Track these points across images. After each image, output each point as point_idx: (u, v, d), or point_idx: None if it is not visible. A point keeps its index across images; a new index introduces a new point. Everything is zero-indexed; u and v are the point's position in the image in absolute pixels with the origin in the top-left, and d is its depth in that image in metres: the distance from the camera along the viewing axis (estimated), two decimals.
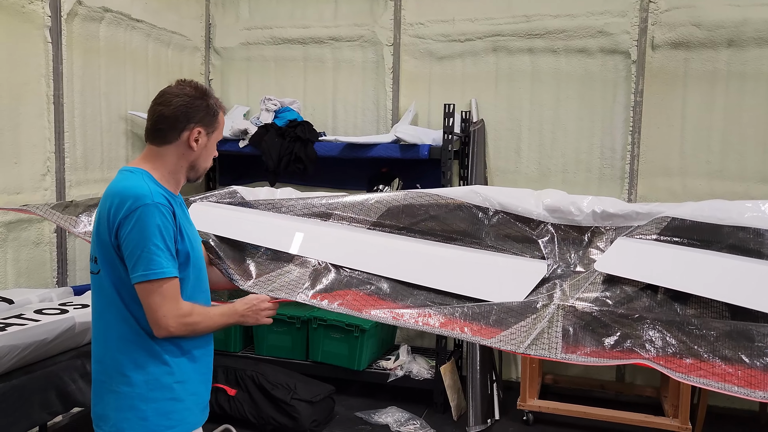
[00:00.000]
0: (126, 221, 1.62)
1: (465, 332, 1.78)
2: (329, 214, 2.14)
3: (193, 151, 1.75)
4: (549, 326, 1.77)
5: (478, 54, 4.21)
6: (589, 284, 1.89)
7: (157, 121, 1.74)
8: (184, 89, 1.75)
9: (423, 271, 1.99)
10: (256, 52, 4.64)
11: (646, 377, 4.06)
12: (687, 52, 3.86)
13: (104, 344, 1.71)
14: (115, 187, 1.68)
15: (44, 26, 3.34)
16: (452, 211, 2.12)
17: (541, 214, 2.09)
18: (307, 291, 1.95)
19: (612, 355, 1.70)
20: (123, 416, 1.66)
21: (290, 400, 3.41)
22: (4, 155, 3.18)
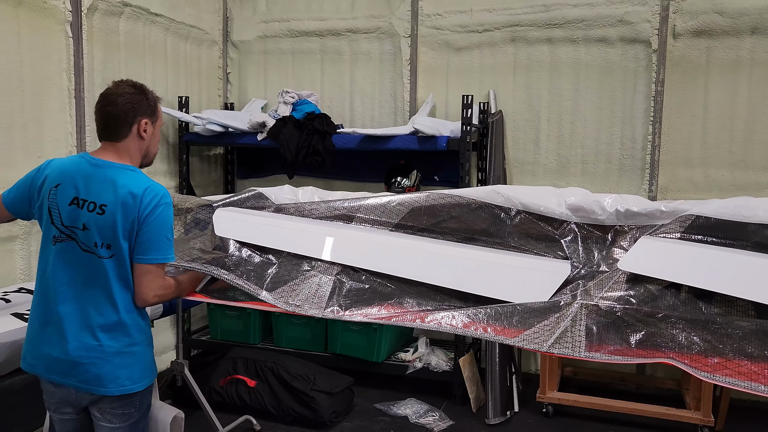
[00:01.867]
0: (152, 213, 1.92)
1: (488, 332, 1.78)
2: (352, 217, 2.15)
3: (144, 141, 2.02)
4: (572, 325, 1.76)
5: (496, 45, 4.18)
6: (612, 283, 1.87)
7: (108, 121, 1.98)
8: (124, 89, 1.99)
9: (446, 272, 1.98)
10: (273, 45, 4.65)
11: (667, 370, 4.02)
12: (709, 40, 3.80)
13: (113, 316, 1.93)
14: (141, 187, 1.93)
15: (65, 21, 3.37)
16: (474, 211, 2.11)
17: (564, 213, 2.07)
18: (332, 305, 1.95)
19: (636, 353, 1.69)
20: (132, 370, 1.97)
21: (310, 392, 3.43)
22: (28, 149, 3.22)
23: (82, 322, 1.93)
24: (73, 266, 1.93)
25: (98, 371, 1.93)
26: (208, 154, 4.64)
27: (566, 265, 1.98)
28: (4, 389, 2.37)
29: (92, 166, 1.95)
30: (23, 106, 3.18)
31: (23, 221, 3.18)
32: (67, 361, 1.94)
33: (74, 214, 1.93)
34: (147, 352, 2.03)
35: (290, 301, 1.96)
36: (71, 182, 1.95)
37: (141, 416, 2.06)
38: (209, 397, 3.48)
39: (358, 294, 1.96)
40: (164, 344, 4.22)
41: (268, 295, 1.99)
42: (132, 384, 1.97)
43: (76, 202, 1.93)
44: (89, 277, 1.93)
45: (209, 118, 4.05)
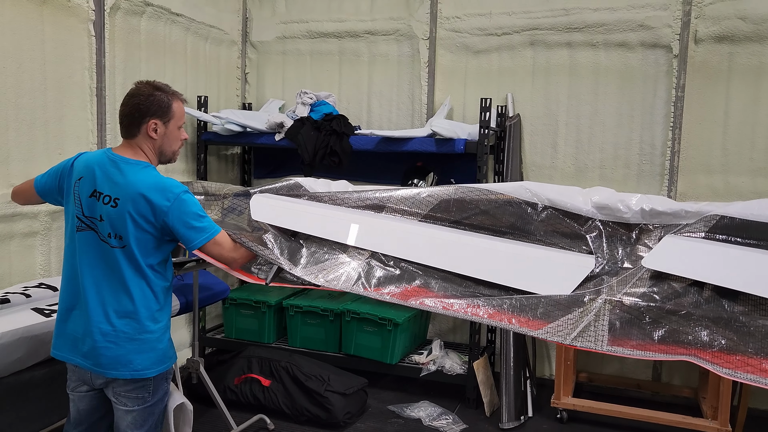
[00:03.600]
0: (175, 209, 2.01)
1: (513, 323, 1.81)
2: (382, 207, 2.19)
3: (155, 140, 2.09)
4: (596, 319, 1.77)
5: (515, 48, 4.17)
6: (636, 280, 1.88)
7: (121, 120, 2.10)
8: (139, 89, 2.08)
9: (472, 262, 2.02)
10: (291, 45, 4.67)
11: (683, 377, 3.99)
12: (731, 46, 3.77)
13: (128, 303, 2.03)
14: (152, 182, 2.03)
15: (88, 20, 3.41)
16: (502, 206, 2.14)
17: (590, 210, 2.08)
18: (360, 282, 2.02)
19: (658, 349, 1.70)
20: (145, 356, 2.05)
21: (324, 392, 3.43)
22: (50, 146, 3.26)
23: (101, 307, 2.04)
24: (93, 254, 2.05)
25: (112, 355, 2.03)
26: (226, 153, 4.66)
27: (591, 259, 2.00)
28: (25, 382, 2.40)
29: (110, 161, 2.07)
30: (46, 104, 3.22)
31: (44, 218, 3.23)
32: (87, 344, 2.05)
33: (93, 206, 2.05)
34: (161, 339, 2.10)
35: (320, 277, 2.05)
36: (91, 175, 2.07)
37: (156, 401, 2.13)
38: (224, 395, 3.50)
39: (386, 277, 2.03)
40: (180, 342, 4.24)
41: (301, 271, 2.08)
42: (144, 369, 2.05)
43: (95, 195, 2.05)
44: (106, 265, 2.04)
45: (227, 118, 4.08)
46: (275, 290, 4.43)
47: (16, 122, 3.07)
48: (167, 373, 2.16)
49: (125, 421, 2.09)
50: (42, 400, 2.45)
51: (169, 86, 2.14)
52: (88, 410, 2.17)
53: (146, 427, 2.12)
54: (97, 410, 2.17)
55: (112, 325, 2.03)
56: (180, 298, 3.11)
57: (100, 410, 2.17)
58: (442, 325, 4.47)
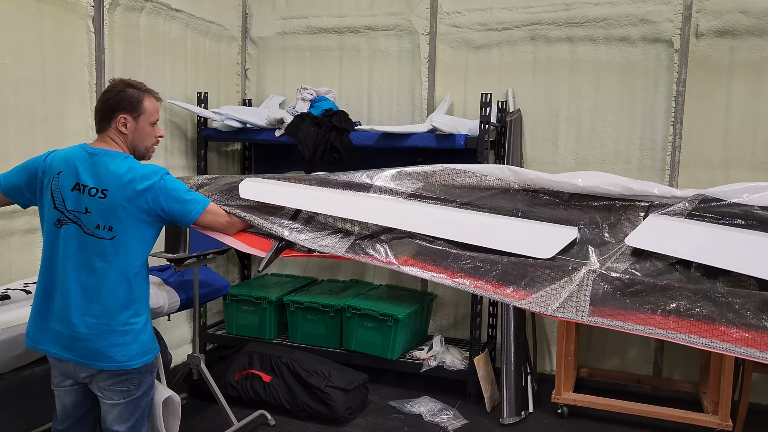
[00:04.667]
0: (162, 190, 2.08)
1: (497, 293, 1.85)
2: (369, 186, 2.24)
3: (125, 135, 2.13)
4: (578, 290, 1.81)
5: (515, 43, 4.16)
6: (619, 255, 1.92)
7: (95, 115, 2.16)
8: (112, 86, 2.14)
9: (458, 231, 2.07)
10: (292, 41, 4.66)
11: (684, 372, 3.99)
12: (733, 40, 3.75)
13: (110, 295, 2.05)
14: (134, 169, 2.07)
15: (87, 16, 3.40)
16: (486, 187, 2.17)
17: (574, 186, 2.11)
18: (350, 248, 2.08)
19: (637, 320, 1.73)
20: (128, 348, 2.07)
21: (325, 388, 3.44)
22: (50, 142, 3.24)
23: (83, 299, 2.05)
24: (75, 247, 2.06)
25: (95, 346, 2.05)
26: (226, 149, 4.66)
27: (573, 230, 2.04)
28: (25, 379, 2.40)
29: (90, 155, 2.10)
30: (45, 100, 3.22)
31: None
32: (69, 336, 2.07)
33: (77, 199, 2.07)
34: (144, 331, 2.12)
35: (313, 243, 2.12)
36: (72, 169, 2.09)
37: (141, 394, 2.14)
38: (225, 391, 3.50)
39: (374, 245, 2.09)
40: (181, 338, 4.25)
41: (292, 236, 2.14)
42: (128, 361, 2.07)
43: (78, 188, 2.07)
44: (89, 257, 2.05)
45: (228, 114, 4.07)
46: (277, 286, 4.43)
47: (15, 118, 3.07)
48: (151, 366, 2.18)
49: (111, 414, 2.10)
50: (42, 396, 2.45)
51: (144, 84, 2.18)
52: (73, 404, 2.17)
53: (132, 421, 2.13)
54: (82, 404, 2.18)
55: (95, 317, 2.05)
56: (180, 295, 3.11)
57: (85, 404, 2.18)
58: (443, 321, 4.47)
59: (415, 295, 4.29)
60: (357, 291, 4.30)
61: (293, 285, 4.48)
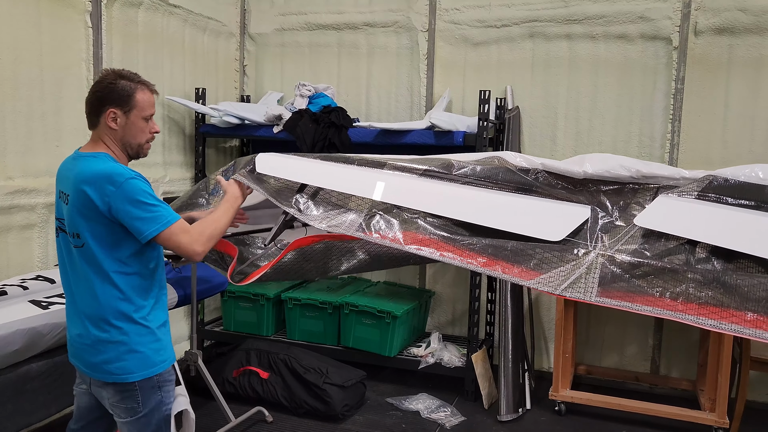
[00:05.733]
0: (118, 196, 1.85)
1: (506, 273, 1.84)
2: (383, 164, 2.23)
3: (115, 131, 1.97)
4: (587, 272, 1.81)
5: (514, 40, 4.15)
6: (629, 237, 1.92)
7: (85, 111, 2.00)
8: (102, 77, 1.98)
9: (469, 210, 2.06)
10: (290, 38, 4.65)
11: (681, 370, 4.00)
12: (731, 38, 3.75)
13: (94, 305, 1.93)
14: (93, 171, 1.88)
15: (85, 11, 3.39)
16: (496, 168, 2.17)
17: (584, 172, 2.10)
18: (361, 228, 2.05)
19: (645, 301, 1.72)
20: (124, 361, 1.94)
21: (322, 384, 3.44)
22: (47, 138, 3.24)
23: (76, 309, 2.00)
24: (65, 256, 2.02)
25: (90, 359, 1.97)
26: (224, 146, 4.65)
27: (586, 210, 2.02)
28: (22, 375, 2.39)
29: (72, 159, 2.01)
30: (43, 96, 3.21)
31: (41, 210, 3.22)
32: (72, 344, 2.04)
33: (60, 207, 2.02)
34: (141, 342, 1.95)
35: (323, 223, 2.07)
36: (60, 176, 2.03)
37: (148, 412, 1.99)
38: (222, 387, 3.50)
39: (386, 224, 2.06)
40: (178, 334, 4.25)
41: (304, 216, 2.08)
42: (124, 374, 1.94)
43: (61, 196, 2.02)
44: (74, 266, 1.98)
45: (226, 110, 4.06)
46: (275, 283, 4.43)
47: (13, 114, 3.06)
48: (157, 381, 1.99)
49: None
50: (40, 392, 2.45)
51: (138, 75, 2.01)
52: (86, 408, 2.13)
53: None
54: (94, 409, 2.12)
55: (86, 327, 1.96)
56: (178, 291, 3.11)
57: (97, 410, 2.11)
58: (441, 318, 4.47)
59: (413, 292, 4.29)
60: (355, 288, 4.30)
61: (291, 281, 4.48)
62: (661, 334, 4.02)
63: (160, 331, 2.01)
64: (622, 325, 4.08)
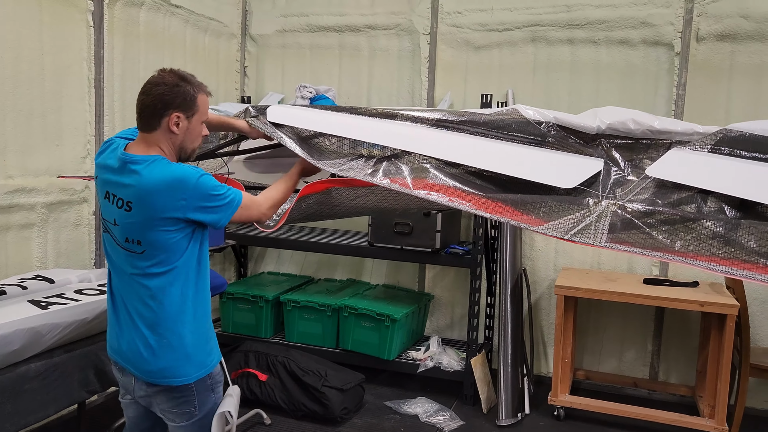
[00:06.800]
0: (194, 197, 1.85)
1: (515, 219, 1.85)
2: (394, 115, 2.21)
3: (176, 135, 1.91)
4: (597, 220, 1.82)
5: (516, 44, 4.15)
6: (640, 189, 1.91)
7: (141, 110, 1.90)
8: (163, 78, 1.89)
9: (482, 158, 2.06)
10: (291, 39, 4.64)
11: (680, 376, 3.99)
12: (733, 44, 3.76)
13: (152, 312, 1.91)
14: (162, 178, 1.83)
15: (87, 10, 3.38)
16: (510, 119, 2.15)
17: (598, 127, 2.10)
18: (371, 172, 2.05)
19: (656, 248, 1.71)
20: (181, 363, 1.94)
21: (321, 387, 3.42)
22: (48, 137, 3.23)
23: (128, 316, 1.94)
24: (115, 257, 1.96)
25: (146, 366, 1.93)
26: None
27: (599, 162, 2.02)
28: (20, 376, 2.38)
29: (120, 161, 1.89)
30: (43, 94, 3.19)
31: (41, 210, 3.20)
32: (123, 348, 1.98)
33: (108, 209, 1.93)
34: (196, 345, 1.96)
35: (334, 167, 2.07)
36: (104, 176, 1.94)
37: (203, 415, 1.99)
38: None
39: (396, 170, 2.06)
40: None
41: (317, 162, 2.08)
42: (181, 377, 1.93)
43: (108, 197, 1.92)
44: (125, 269, 1.92)
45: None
46: (273, 285, 4.41)
47: (13, 112, 3.05)
48: (210, 383, 2.00)
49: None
50: (38, 392, 2.44)
51: (195, 77, 1.95)
52: (136, 417, 2.08)
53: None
54: (145, 418, 2.08)
55: (142, 335, 1.91)
56: None
57: (147, 419, 2.08)
58: (440, 322, 4.46)
59: (413, 296, 4.28)
60: (354, 290, 4.29)
61: (290, 284, 4.47)
62: (660, 339, 4.02)
63: (209, 333, 2.02)
64: (621, 330, 4.08)
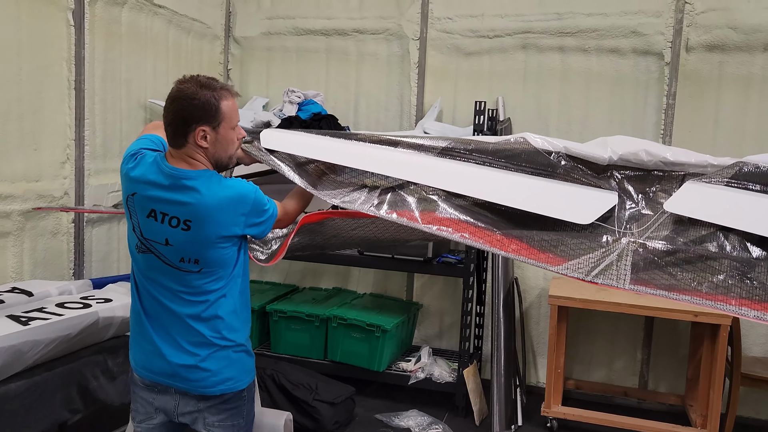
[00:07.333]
0: (252, 214, 1.87)
1: (533, 258, 1.78)
2: (397, 143, 2.11)
3: (206, 148, 1.83)
4: (618, 259, 1.76)
5: (506, 51, 4.12)
6: (658, 224, 1.86)
7: (166, 128, 1.84)
8: (181, 90, 1.79)
9: (491, 190, 1.97)
10: (277, 42, 4.53)
11: (669, 385, 3.99)
12: (722, 55, 3.78)
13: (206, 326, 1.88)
14: (220, 196, 1.81)
15: (68, 8, 3.22)
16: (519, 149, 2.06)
17: (609, 158, 2.04)
18: (375, 205, 1.98)
19: (682, 291, 1.66)
20: (236, 369, 1.93)
21: (312, 401, 3.32)
22: (25, 141, 3.06)
23: (173, 334, 1.88)
24: (159, 278, 1.88)
25: (200, 380, 1.89)
26: None
27: (614, 196, 1.95)
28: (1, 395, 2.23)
29: (168, 176, 1.81)
30: (20, 96, 3.03)
31: (17, 218, 3.03)
32: (165, 371, 1.91)
33: (153, 228, 1.83)
34: (244, 352, 1.97)
35: (336, 199, 2.01)
36: (147, 192, 1.83)
37: (246, 423, 2.01)
38: None
39: (401, 202, 1.97)
40: None
41: (317, 192, 2.02)
42: (235, 383, 1.93)
43: (154, 215, 1.82)
44: (174, 288, 1.86)
45: None
46: (258, 294, 4.28)
47: None
48: (253, 389, 2.02)
49: None
50: (18, 414, 2.29)
51: (217, 80, 1.84)
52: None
53: None
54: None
55: (192, 344, 1.88)
56: None
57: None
58: (428, 331, 4.39)
59: (401, 305, 4.21)
60: (341, 300, 4.19)
61: (275, 293, 4.35)
62: (650, 349, 4.02)
63: (249, 340, 2.02)
64: (611, 339, 4.07)
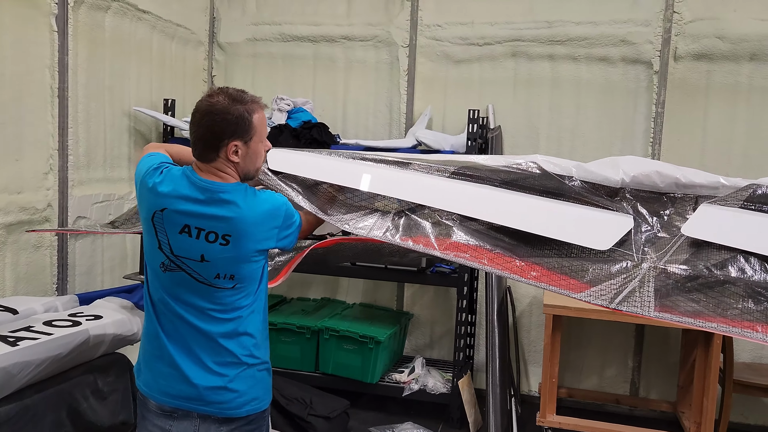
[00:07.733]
0: (285, 227, 1.85)
1: (554, 285, 1.75)
2: (408, 164, 2.06)
3: (237, 163, 1.79)
4: (641, 285, 1.74)
5: (496, 59, 4.11)
6: (676, 248, 1.84)
7: (194, 143, 1.79)
8: (212, 105, 1.74)
9: (507, 214, 1.94)
10: (263, 48, 4.45)
11: (660, 392, 4.01)
12: (710, 64, 3.82)
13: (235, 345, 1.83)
14: (257, 211, 1.79)
15: (50, 14, 3.11)
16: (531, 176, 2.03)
17: (622, 180, 2.02)
18: (389, 231, 1.93)
19: (707, 318, 1.65)
20: (260, 388, 1.90)
21: (307, 417, 3.25)
22: (6, 151, 2.94)
23: (199, 354, 1.81)
24: (187, 297, 1.80)
25: (228, 398, 1.83)
26: None
27: (629, 219, 1.94)
28: None
29: (202, 190, 1.76)
30: (1, 104, 2.90)
31: None
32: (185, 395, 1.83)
33: (186, 244, 1.76)
34: (264, 370, 1.92)
35: (348, 225, 1.97)
36: (178, 208, 1.76)
37: None
38: None
39: (416, 228, 1.93)
40: None
41: (328, 218, 1.97)
42: (258, 403, 1.89)
43: (187, 231, 1.75)
44: (202, 306, 1.80)
45: None
46: None
47: None
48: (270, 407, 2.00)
49: None
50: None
51: (247, 92, 1.80)
52: None
53: None
54: None
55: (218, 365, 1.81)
56: None
57: None
58: (419, 341, 4.34)
59: (392, 315, 4.15)
60: (331, 310, 4.12)
61: None
62: (641, 356, 4.03)
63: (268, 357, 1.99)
64: (603, 347, 4.07)
